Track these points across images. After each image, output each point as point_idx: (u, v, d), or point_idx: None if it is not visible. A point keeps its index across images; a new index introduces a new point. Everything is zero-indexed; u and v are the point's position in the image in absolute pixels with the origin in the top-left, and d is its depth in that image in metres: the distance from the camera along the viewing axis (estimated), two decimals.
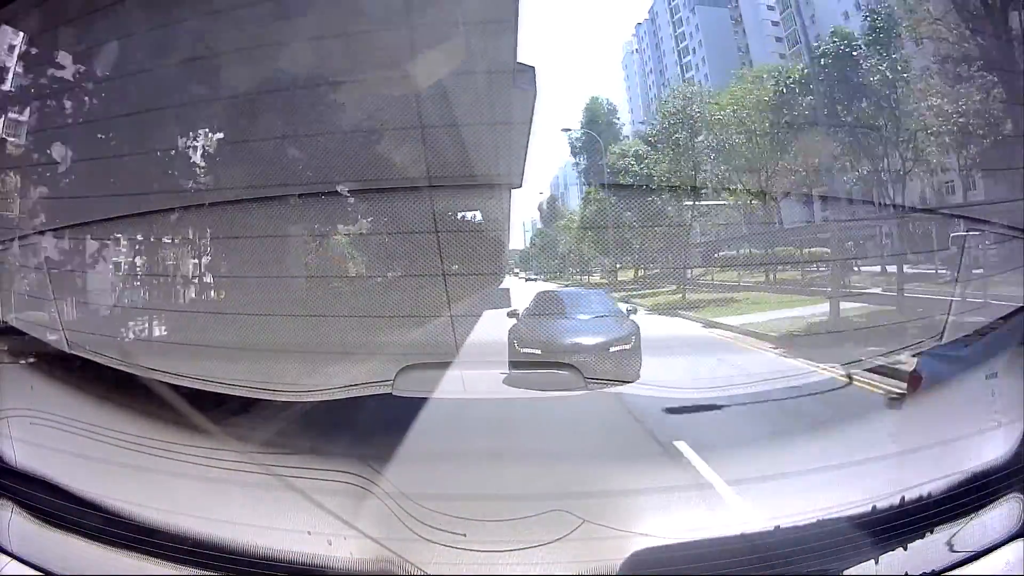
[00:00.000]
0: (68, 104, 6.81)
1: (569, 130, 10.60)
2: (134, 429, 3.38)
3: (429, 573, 2.18)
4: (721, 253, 8.66)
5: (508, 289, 10.71)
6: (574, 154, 11.15)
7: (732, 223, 8.25)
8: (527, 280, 12.54)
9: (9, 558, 2.14)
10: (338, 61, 7.28)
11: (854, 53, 7.62)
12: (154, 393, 3.98)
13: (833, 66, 7.66)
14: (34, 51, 6.53)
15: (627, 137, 10.43)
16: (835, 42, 7.96)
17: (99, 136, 7.13)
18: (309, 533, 2.40)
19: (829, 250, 7.72)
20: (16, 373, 4.77)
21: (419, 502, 2.74)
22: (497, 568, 2.41)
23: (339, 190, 7.38)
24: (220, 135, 7.87)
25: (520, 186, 10.37)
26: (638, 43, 13.23)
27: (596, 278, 11.27)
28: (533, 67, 8.46)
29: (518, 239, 13.11)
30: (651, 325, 7.10)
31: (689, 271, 9.11)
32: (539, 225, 13.43)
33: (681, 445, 4.31)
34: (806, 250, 8.24)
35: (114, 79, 6.75)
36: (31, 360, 5.14)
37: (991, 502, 2.07)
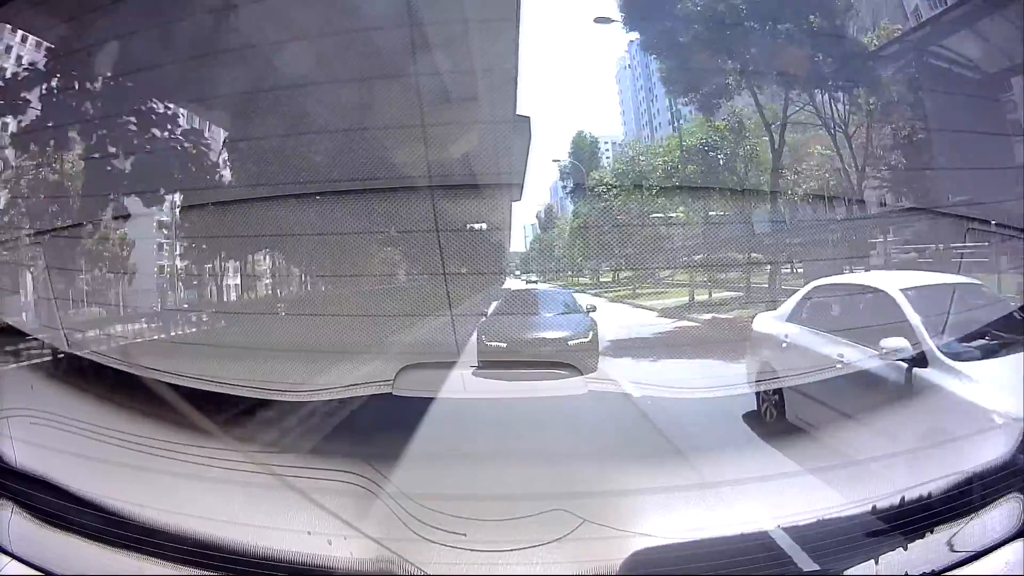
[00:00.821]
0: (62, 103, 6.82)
1: (558, 160, 12.39)
2: (134, 429, 3.38)
3: (429, 573, 2.18)
4: (684, 259, 11.25)
5: (509, 289, 10.84)
6: (562, 178, 12.81)
7: (682, 237, 10.43)
8: (527, 282, 12.75)
9: (9, 558, 2.14)
10: (338, 63, 7.26)
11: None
12: (154, 393, 3.98)
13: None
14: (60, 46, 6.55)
15: (604, 166, 12.15)
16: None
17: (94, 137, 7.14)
18: (309, 533, 2.39)
19: (742, 255, 10.33)
20: (16, 373, 4.77)
21: (419, 502, 2.73)
22: (497, 568, 2.40)
23: (342, 190, 7.37)
24: (216, 132, 7.87)
25: (520, 198, 11.85)
26: (630, 59, 13.33)
27: (585, 279, 13.30)
28: (529, 117, 9.95)
29: (519, 242, 13.63)
30: (603, 309, 9.27)
31: (656, 274, 11.90)
32: (538, 230, 13.96)
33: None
34: (736, 256, 10.83)
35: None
36: (31, 360, 5.15)
37: (991, 502, 2.06)
